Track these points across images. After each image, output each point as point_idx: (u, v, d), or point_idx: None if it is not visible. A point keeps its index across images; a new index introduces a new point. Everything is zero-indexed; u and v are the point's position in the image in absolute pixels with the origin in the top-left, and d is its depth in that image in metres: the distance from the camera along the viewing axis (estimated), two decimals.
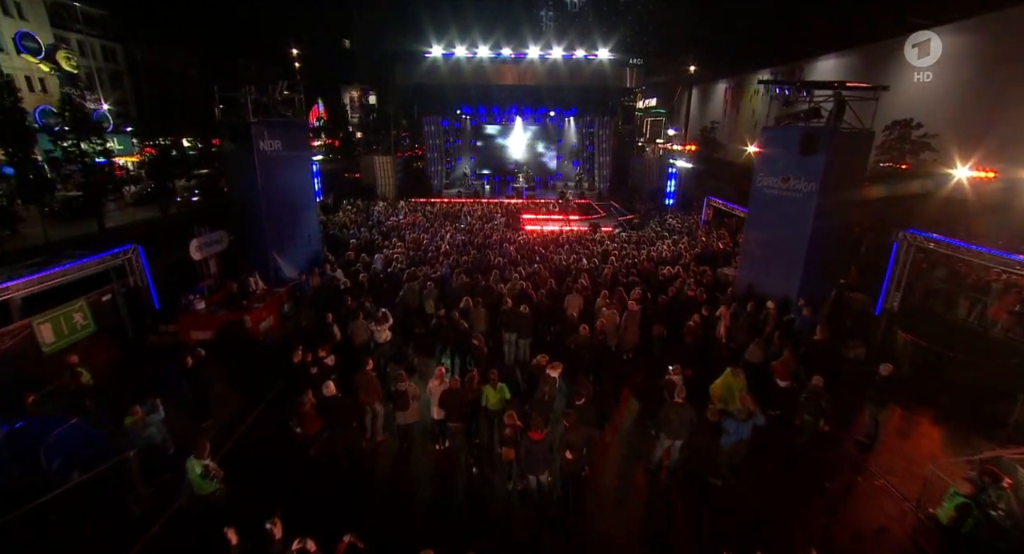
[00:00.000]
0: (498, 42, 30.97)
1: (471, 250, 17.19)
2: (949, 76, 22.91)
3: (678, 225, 23.05)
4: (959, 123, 21.92)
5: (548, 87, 32.74)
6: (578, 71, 31.63)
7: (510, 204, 29.00)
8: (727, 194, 24.84)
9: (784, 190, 12.71)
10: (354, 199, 28.18)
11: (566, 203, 29.09)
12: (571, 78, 31.89)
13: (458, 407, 8.22)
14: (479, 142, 39.78)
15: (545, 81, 32.08)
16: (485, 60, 31.25)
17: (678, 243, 19.15)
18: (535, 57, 31.21)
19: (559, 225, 25.17)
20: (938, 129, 22.31)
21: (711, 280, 14.69)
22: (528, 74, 31.68)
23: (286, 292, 14.53)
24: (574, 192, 35.33)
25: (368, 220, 23.38)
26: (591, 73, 31.80)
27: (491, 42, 30.88)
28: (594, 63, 31.57)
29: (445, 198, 32.41)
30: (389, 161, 31.69)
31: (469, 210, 25.78)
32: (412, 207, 27.14)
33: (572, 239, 19.70)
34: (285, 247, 15.62)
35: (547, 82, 32.18)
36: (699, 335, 11.36)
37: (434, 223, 22.55)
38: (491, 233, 20.51)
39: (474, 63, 31.30)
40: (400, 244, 17.93)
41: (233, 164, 15.17)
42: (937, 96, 23.24)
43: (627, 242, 19.70)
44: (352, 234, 20.37)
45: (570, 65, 31.45)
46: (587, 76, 31.87)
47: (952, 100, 22.66)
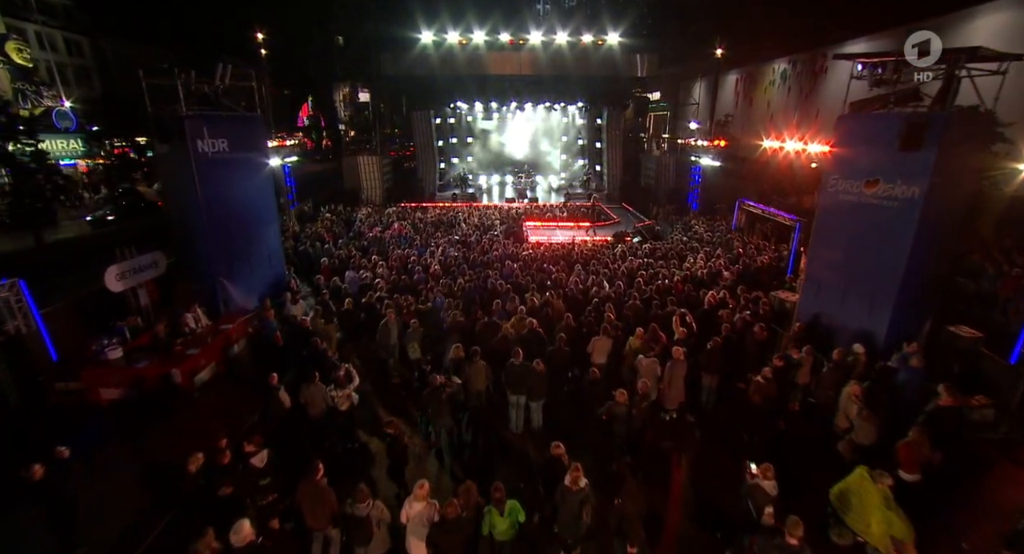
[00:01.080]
0: (495, 26, 28.19)
1: (466, 270, 14.42)
2: None
3: (707, 233, 20.31)
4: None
5: (552, 77, 29.98)
6: (585, 59, 28.84)
7: (511, 209, 26.24)
8: (751, 195, 22.12)
9: (871, 197, 9.98)
10: (335, 205, 25.38)
11: (574, 208, 26.34)
12: (577, 67, 29.11)
13: (452, 546, 5.47)
14: (475, 139, 37.06)
15: (548, 70, 29.30)
16: (481, 47, 28.46)
17: (713, 257, 16.43)
18: (537, 43, 28.42)
19: (568, 233, 22.42)
20: (1013, 117, 19.49)
21: (768, 310, 11.93)
22: (529, 62, 28.90)
23: (237, 328, 11.77)
24: (581, 194, 32.65)
25: (348, 231, 20.59)
26: (600, 61, 29.01)
27: (488, 26, 28.09)
28: (603, 49, 28.77)
29: (439, 202, 29.64)
30: (375, 162, 28.92)
31: (465, 217, 23.00)
32: (401, 213, 24.38)
33: (587, 254, 16.94)
34: (237, 271, 12.87)
35: (550, 71, 29.41)
36: (772, 396, 8.62)
37: (423, 234, 19.78)
38: (490, 246, 17.76)
39: (469, 51, 28.51)
40: (382, 263, 15.16)
41: (167, 169, 12.39)
42: (1008, 80, 20.37)
43: (651, 256, 16.95)
44: (328, 249, 17.59)
45: (576, 52, 28.66)
46: (595, 64, 29.08)
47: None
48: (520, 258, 16.16)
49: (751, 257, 16.51)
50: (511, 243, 18.24)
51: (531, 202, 28.96)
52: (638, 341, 10.22)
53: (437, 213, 24.37)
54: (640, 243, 19.29)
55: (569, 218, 24.57)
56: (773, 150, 21.44)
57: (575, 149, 37.88)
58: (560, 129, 37.08)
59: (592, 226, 23.48)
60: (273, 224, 14.20)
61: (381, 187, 29.37)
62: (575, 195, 32.33)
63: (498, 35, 28.35)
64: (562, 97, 32.47)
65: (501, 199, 31.08)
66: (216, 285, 12.48)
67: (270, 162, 14.20)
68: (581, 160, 38.02)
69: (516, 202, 29.78)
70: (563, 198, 31.64)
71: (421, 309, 11.81)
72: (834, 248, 11.00)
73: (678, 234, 20.51)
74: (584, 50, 28.73)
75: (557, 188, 35.19)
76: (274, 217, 14.30)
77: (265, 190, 13.73)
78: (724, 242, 18.55)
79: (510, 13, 28.34)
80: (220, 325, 11.62)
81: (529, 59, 28.79)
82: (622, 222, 25.19)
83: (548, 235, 21.46)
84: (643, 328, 10.59)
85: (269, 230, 14.00)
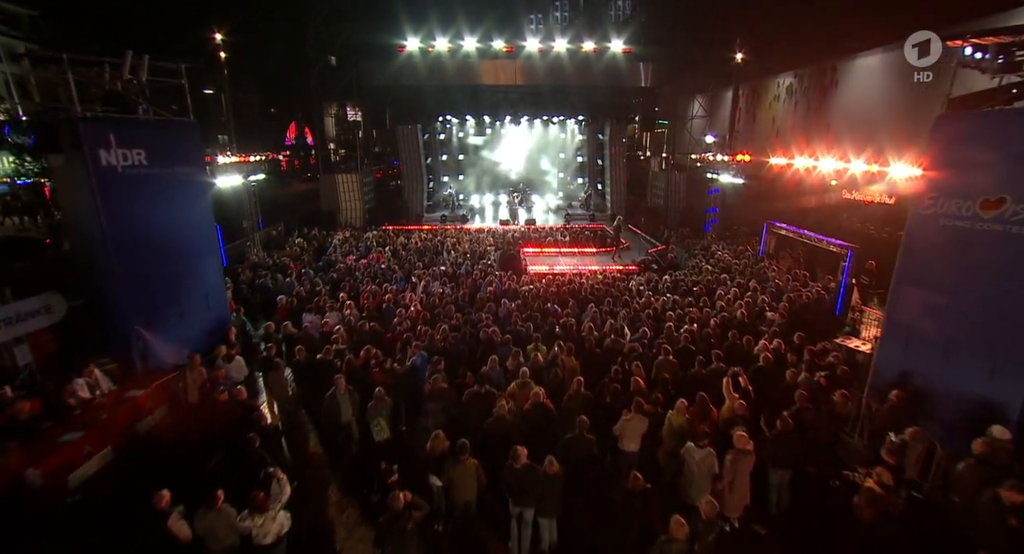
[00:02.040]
0: (488, 32, 26.10)
1: (454, 313, 11.83)
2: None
3: (733, 260, 17.85)
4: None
5: (549, 87, 27.90)
6: (586, 68, 26.75)
7: (506, 232, 23.77)
8: (769, 214, 19.83)
9: (991, 222, 7.52)
10: (308, 229, 22.82)
11: (578, 231, 23.92)
12: (577, 77, 27.01)
13: None
14: (467, 157, 34.78)
15: (546, 80, 27.23)
16: (472, 55, 26.34)
17: (747, 290, 13.95)
18: (534, 51, 26.31)
19: (573, 262, 19.93)
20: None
21: (845, 370, 9.37)
22: (525, 72, 26.80)
23: (151, 394, 9.09)
24: (582, 215, 30.31)
25: (318, 260, 17.99)
26: (602, 70, 26.93)
27: (480, 32, 25.97)
28: (605, 58, 26.68)
29: (426, 225, 27.15)
30: (355, 181, 26.45)
31: (454, 243, 20.45)
32: (381, 238, 21.83)
33: (599, 288, 14.39)
34: (161, 316, 10.21)
35: (548, 81, 27.29)
36: (894, 510, 6.04)
37: (405, 263, 17.21)
38: (483, 277, 15.23)
39: (459, 59, 26.37)
40: (350, 302, 12.53)
41: (63, 187, 9.81)
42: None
43: (675, 290, 14.45)
44: (289, 283, 14.96)
45: (576, 60, 26.56)
46: (597, 74, 26.99)
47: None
48: (519, 294, 13.60)
49: (795, 291, 14.02)
50: (507, 276, 15.67)
51: (528, 224, 26.51)
52: (681, 417, 7.69)
53: (423, 238, 21.85)
54: (657, 273, 16.78)
55: (573, 243, 22.08)
56: (780, 167, 19.33)
57: (574, 167, 35.67)
58: (558, 145, 34.90)
59: (618, 250, 20.81)
60: (213, 256, 11.59)
61: (362, 208, 26.86)
62: (575, 216, 29.98)
63: (491, 42, 26.26)
64: (560, 110, 30.30)
65: (495, 221, 28.66)
66: (131, 335, 9.81)
67: (210, 179, 11.67)
68: (580, 178, 35.82)
69: (511, 224, 27.34)
70: (563, 219, 29.25)
71: (394, 370, 9.20)
72: (932, 288, 8.51)
73: (698, 261, 18.03)
74: (585, 58, 26.65)
75: (555, 209, 32.86)
76: (214, 247, 11.69)
77: (202, 214, 11.13)
78: (756, 272, 16.09)
79: (505, 18, 26.31)
80: (126, 392, 8.91)
81: (525, 68, 26.69)
82: (632, 246, 22.74)
83: (550, 264, 18.93)
84: (684, 395, 8.07)
85: (207, 264, 11.37)
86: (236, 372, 9.27)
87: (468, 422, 8.17)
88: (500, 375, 9.05)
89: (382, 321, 11.95)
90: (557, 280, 15.20)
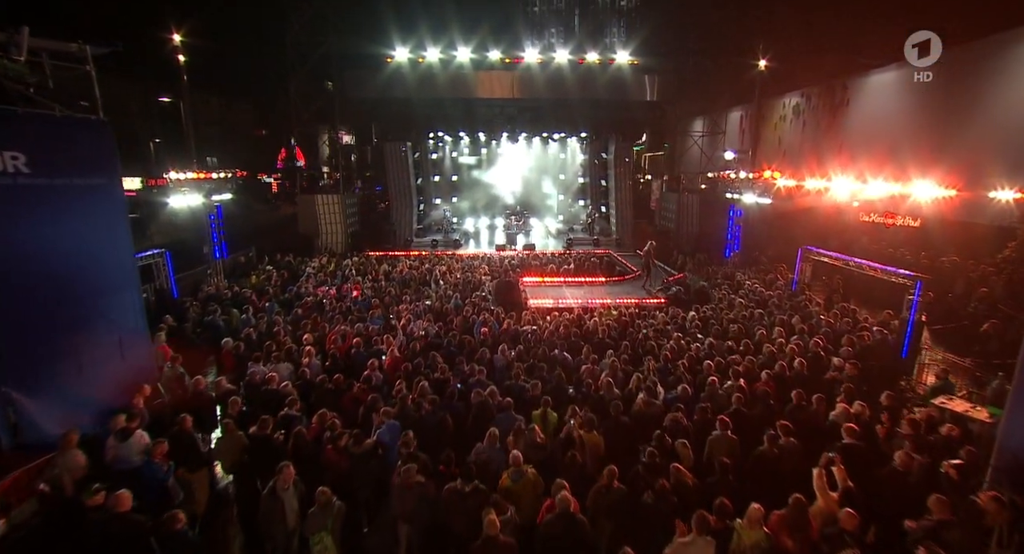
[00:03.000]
0: (484, 42, 24.24)
1: (439, 363, 9.46)
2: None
3: (765, 290, 15.58)
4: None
5: (550, 102, 25.96)
6: (590, 81, 24.85)
7: (503, 259, 21.50)
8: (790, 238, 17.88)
9: None
10: (282, 255, 20.48)
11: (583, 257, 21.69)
12: (581, 90, 25.08)
13: None
14: (460, 177, 32.78)
15: (546, 93, 25.27)
16: (466, 67, 24.43)
17: (793, 330, 11.66)
18: (533, 62, 24.43)
19: (579, 293, 17.63)
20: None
21: (958, 436, 7.02)
22: (524, 85, 24.85)
23: (15, 482, 6.70)
24: (585, 239, 28.19)
25: (285, 291, 15.62)
26: (607, 83, 25.03)
27: (474, 42, 24.13)
28: (611, 70, 24.82)
29: (415, 250, 24.88)
30: (336, 202, 24.26)
31: (444, 272, 18.14)
32: (363, 266, 19.52)
33: (614, 328, 12.04)
34: (47, 372, 7.82)
35: (548, 95, 25.35)
36: None
37: (386, 295, 14.86)
38: (475, 313, 12.91)
39: (452, 71, 24.46)
40: (310, 349, 10.13)
41: None
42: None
43: (705, 329, 12.13)
44: (245, 319, 12.57)
45: (580, 73, 24.69)
46: (602, 87, 25.08)
47: None
48: (520, 337, 11.26)
49: (853, 330, 11.73)
50: (504, 313, 13.31)
51: (527, 250, 24.26)
52: (757, 531, 5.32)
53: (409, 265, 19.55)
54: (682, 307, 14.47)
55: (579, 271, 19.80)
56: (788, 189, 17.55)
57: (575, 188, 33.70)
58: (558, 165, 32.97)
59: (649, 278, 18.32)
60: (131, 291, 9.21)
61: (344, 232, 24.60)
62: (578, 241, 27.85)
63: (487, 52, 24.39)
64: (561, 126, 28.39)
65: (491, 246, 26.46)
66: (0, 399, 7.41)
67: (122, 192, 9.35)
68: (582, 200, 33.82)
69: (508, 249, 25.13)
70: (565, 244, 27.08)
71: (353, 451, 6.81)
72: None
73: (725, 293, 15.73)
74: (588, 70, 24.78)
75: (556, 233, 30.74)
76: (132, 279, 9.32)
77: (113, 237, 8.79)
78: (797, 306, 13.78)
79: (502, 26, 24.52)
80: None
81: (523, 80, 24.79)
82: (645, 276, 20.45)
83: (554, 297, 16.61)
84: (754, 491, 5.72)
85: (123, 301, 9.00)
86: (134, 454, 6.83)
87: (451, 533, 5.79)
88: (499, 455, 6.67)
89: (351, 372, 9.56)
90: (564, 317, 12.84)
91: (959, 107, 16.82)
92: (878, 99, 21.13)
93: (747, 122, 30.05)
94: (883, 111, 20.38)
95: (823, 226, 20.02)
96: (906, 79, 19.88)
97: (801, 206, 19.38)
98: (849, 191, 17.31)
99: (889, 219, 18.35)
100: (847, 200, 17.83)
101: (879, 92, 21.23)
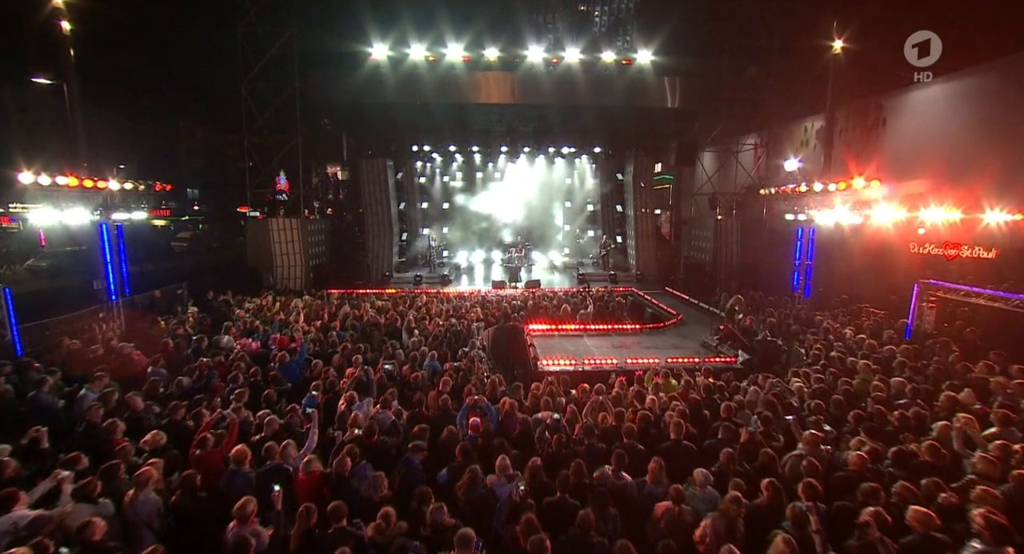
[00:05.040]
0: (479, 38, 20.50)
1: (394, 482, 4.98)
2: None
3: (886, 346, 11.08)
4: None
5: (558, 108, 22.02)
6: (605, 84, 20.99)
7: (500, 300, 17.14)
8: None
9: None
10: (217, 293, 16.08)
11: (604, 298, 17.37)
12: (594, 95, 21.22)
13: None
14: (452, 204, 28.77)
15: (552, 99, 21.37)
16: (458, 67, 20.59)
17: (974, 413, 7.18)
18: (537, 62, 20.63)
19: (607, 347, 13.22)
20: None
21: None
22: (526, 89, 20.96)
23: None
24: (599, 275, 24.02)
25: (189, 344, 11.09)
26: (625, 88, 21.16)
27: (468, 38, 20.39)
28: (630, 72, 21.01)
29: (393, 288, 20.53)
30: (295, 227, 20.03)
31: (420, 317, 13.71)
32: (318, 307, 15.13)
33: (681, 410, 7.55)
34: None
35: (555, 101, 21.46)
36: None
37: (339, 354, 10.38)
38: (460, 381, 8.51)
39: (441, 72, 20.60)
40: (150, 468, 5.60)
41: None
42: None
43: (833, 414, 7.67)
44: (86, 397, 8.02)
45: (593, 75, 20.87)
46: (618, 92, 21.20)
47: None
48: (532, 437, 6.81)
49: None
50: (505, 378, 8.88)
51: (531, 288, 19.88)
52: None
53: (382, 307, 15.17)
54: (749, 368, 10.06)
55: (599, 316, 15.38)
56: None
57: (585, 215, 29.65)
58: (564, 187, 29.03)
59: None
60: None
61: (304, 265, 20.27)
62: (590, 277, 23.63)
63: (483, 50, 20.62)
64: (570, 138, 24.42)
65: (486, 283, 22.19)
66: None
67: None
68: (592, 230, 29.74)
69: (508, 287, 20.85)
70: (575, 280, 22.84)
71: None
72: None
73: (818, 348, 11.23)
74: (604, 72, 20.96)
75: (562, 267, 26.55)
76: None
77: None
78: (948, 370, 9.33)
79: (500, 20, 20.86)
80: None
81: (525, 83, 20.92)
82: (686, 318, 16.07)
83: (574, 356, 12.07)
84: None
85: None
86: None
87: None
88: None
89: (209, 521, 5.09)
90: (599, 397, 8.34)
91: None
92: (924, 116, 17.83)
93: (759, 152, 26.32)
94: (931, 129, 17.22)
95: (877, 259, 16.34)
96: (960, 92, 16.59)
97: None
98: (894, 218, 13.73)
99: (951, 250, 15.61)
100: (902, 228, 14.59)
101: (925, 109, 17.87)
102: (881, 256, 15.78)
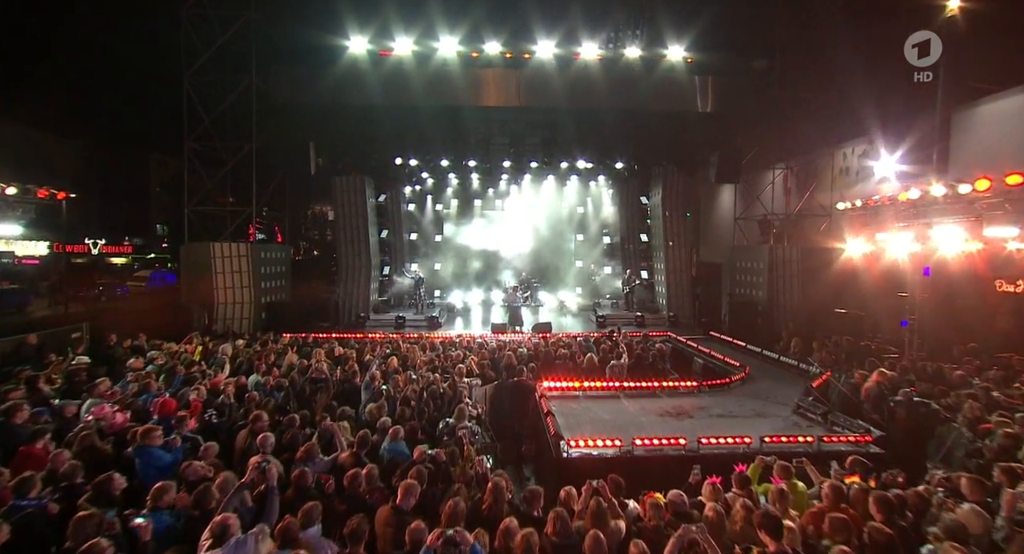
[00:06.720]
0: (477, 29, 17.63)
1: None
2: None
3: None
4: None
5: (571, 114, 18.96)
6: (628, 85, 17.97)
7: (501, 348, 13.54)
8: None
9: None
10: (117, 338, 12.58)
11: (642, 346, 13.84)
12: (614, 98, 18.20)
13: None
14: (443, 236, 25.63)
15: (565, 104, 18.31)
16: (451, 63, 17.64)
17: None
18: (548, 58, 17.70)
19: (655, 414, 9.55)
20: None
21: None
22: (534, 90, 17.92)
23: None
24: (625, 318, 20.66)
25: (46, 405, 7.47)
26: (653, 90, 18.13)
27: (464, 29, 17.51)
28: (658, 71, 18.05)
29: (367, 332, 16.96)
30: (243, 253, 16.63)
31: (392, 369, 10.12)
32: (256, 355, 11.53)
33: None
34: None
35: (568, 106, 18.42)
36: None
37: (238, 427, 6.75)
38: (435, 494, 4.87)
39: (431, 70, 17.61)
40: None
41: None
42: None
43: None
44: None
45: (614, 74, 17.89)
46: (645, 95, 18.16)
47: None
48: None
49: None
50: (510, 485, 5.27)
51: (541, 334, 16.18)
52: None
53: (340, 354, 11.62)
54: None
55: (643, 371, 11.72)
56: None
57: (601, 248, 26.34)
58: (577, 215, 25.93)
59: (699, 386, 10.00)
60: None
61: (254, 302, 16.72)
62: (611, 319, 20.20)
63: (482, 44, 17.75)
64: (586, 151, 21.27)
65: (485, 327, 18.68)
66: None
67: None
68: (609, 266, 26.39)
69: (511, 332, 17.33)
70: (594, 324, 19.36)
71: None
72: None
73: (970, 414, 7.60)
74: (627, 70, 18.00)
75: (576, 309, 23.13)
76: None
77: None
78: None
79: (503, 8, 18.11)
80: None
81: (532, 84, 17.92)
82: (756, 374, 12.40)
83: (616, 436, 8.13)
84: None
85: None
86: None
87: None
88: None
89: None
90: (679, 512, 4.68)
91: None
92: (999, 133, 14.94)
93: (787, 181, 23.26)
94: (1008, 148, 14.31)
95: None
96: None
97: None
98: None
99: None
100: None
101: (998, 126, 14.86)
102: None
